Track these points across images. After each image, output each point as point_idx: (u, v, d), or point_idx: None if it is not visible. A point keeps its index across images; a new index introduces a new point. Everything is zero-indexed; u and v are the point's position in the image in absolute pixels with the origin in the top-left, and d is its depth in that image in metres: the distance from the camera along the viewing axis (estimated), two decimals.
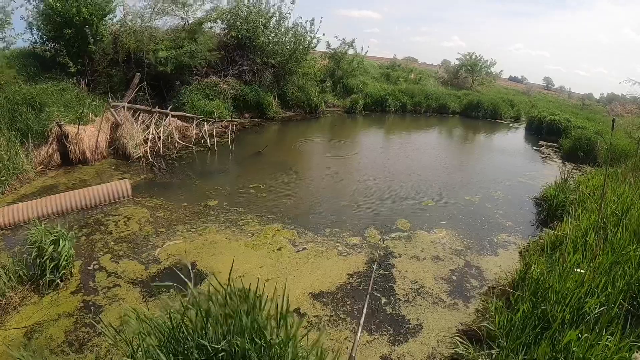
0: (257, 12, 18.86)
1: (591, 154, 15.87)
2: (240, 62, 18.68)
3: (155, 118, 12.65)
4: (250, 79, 18.74)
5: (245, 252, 6.56)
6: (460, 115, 28.27)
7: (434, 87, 30.81)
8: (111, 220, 7.36)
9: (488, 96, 30.82)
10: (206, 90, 16.63)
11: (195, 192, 9.19)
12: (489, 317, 4.82)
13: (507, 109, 30.06)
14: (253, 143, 14.23)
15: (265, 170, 11.31)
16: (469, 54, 34.95)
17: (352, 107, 23.37)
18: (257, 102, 18.50)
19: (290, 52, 19.96)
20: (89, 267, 5.81)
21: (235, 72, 18.37)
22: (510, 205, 10.17)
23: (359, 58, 24.87)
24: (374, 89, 25.39)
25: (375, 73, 29.09)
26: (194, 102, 15.53)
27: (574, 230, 6.53)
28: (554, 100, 44.50)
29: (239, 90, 17.85)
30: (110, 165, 10.52)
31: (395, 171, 12.45)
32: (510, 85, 52.09)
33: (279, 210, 8.44)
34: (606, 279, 4.59)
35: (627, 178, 9.54)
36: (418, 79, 31.63)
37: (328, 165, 12.90)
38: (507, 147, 19.69)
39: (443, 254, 7.18)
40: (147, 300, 5.02)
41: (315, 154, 14.98)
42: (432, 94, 28.09)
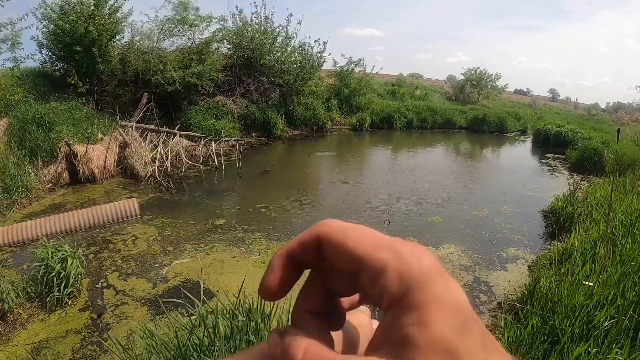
0: (263, 33, 19.04)
1: (598, 165, 15.80)
2: (247, 82, 18.82)
3: (163, 137, 12.72)
4: (257, 98, 18.85)
5: (252, 270, 6.54)
6: (467, 130, 28.30)
7: (439, 102, 30.93)
8: (119, 239, 7.38)
9: (494, 110, 30.87)
10: (213, 109, 16.73)
11: (202, 211, 9.21)
12: (497, 333, 4.78)
13: (513, 123, 30.07)
14: (260, 162, 14.28)
15: (272, 189, 11.34)
16: (473, 69, 35.10)
17: (358, 125, 23.41)
18: (264, 121, 18.59)
19: (297, 71, 20.07)
20: (97, 285, 5.82)
21: (242, 91, 18.50)
22: (518, 219, 10.11)
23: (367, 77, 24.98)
24: (380, 106, 25.45)
25: (380, 90, 29.17)
26: (201, 121, 15.62)
27: (582, 242, 6.48)
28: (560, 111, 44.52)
29: (246, 110, 17.95)
30: (118, 184, 10.59)
31: (401, 187, 12.47)
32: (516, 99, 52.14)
33: (286, 229, 8.43)
34: (615, 291, 4.55)
35: (635, 187, 9.50)
36: (424, 95, 31.74)
37: (335, 183, 12.94)
38: (514, 161, 19.69)
39: (451, 269, 7.12)
40: (155, 318, 5.01)
41: (322, 172, 15.03)
42: (437, 110, 28.18)
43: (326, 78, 24.20)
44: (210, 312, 3.84)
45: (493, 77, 35.67)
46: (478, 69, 35.09)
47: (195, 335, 3.47)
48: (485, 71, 35.12)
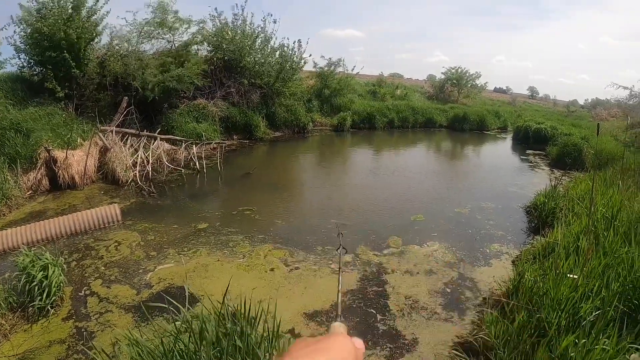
0: (242, 34, 18.99)
1: (579, 160, 16.10)
2: (228, 84, 18.75)
3: (144, 142, 12.64)
4: (238, 101, 18.80)
5: (237, 273, 6.53)
6: (447, 128, 28.57)
7: (420, 102, 31.12)
8: (102, 245, 7.32)
9: (474, 108, 31.15)
10: (194, 112, 16.65)
11: (185, 215, 9.17)
12: (484, 328, 4.84)
13: (493, 120, 30.41)
14: (242, 164, 14.27)
15: (254, 191, 11.34)
16: (454, 68, 35.37)
17: (340, 125, 23.48)
18: (245, 124, 18.55)
19: (277, 72, 20.06)
20: (80, 293, 5.76)
21: (222, 94, 18.43)
22: (500, 215, 10.26)
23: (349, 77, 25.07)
24: (361, 106, 25.55)
25: (361, 91, 29.30)
26: (182, 124, 15.52)
27: (565, 236, 6.60)
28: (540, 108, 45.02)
29: (227, 112, 17.90)
30: (99, 190, 10.48)
31: (383, 187, 12.55)
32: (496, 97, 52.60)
33: (270, 231, 8.43)
34: (600, 283, 4.64)
35: (615, 181, 9.67)
36: (404, 94, 31.91)
37: (317, 184, 12.99)
38: (495, 158, 19.94)
39: (436, 267, 7.20)
40: (140, 325, 4.97)
41: (304, 173, 15.06)
42: (418, 109, 28.35)
43: (307, 79, 24.22)
44: (195, 317, 3.84)
45: (473, 76, 35.99)
46: (458, 68, 35.40)
47: (181, 342, 3.46)
48: (465, 70, 35.45)
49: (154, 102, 15.43)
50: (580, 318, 4.21)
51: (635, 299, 4.46)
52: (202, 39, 18.22)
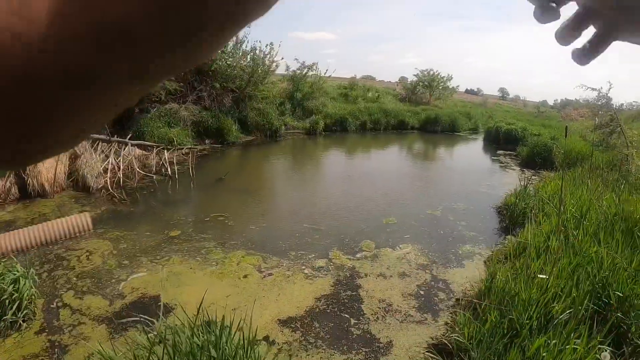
0: None
1: (548, 160, 16.51)
2: (199, 88, 18.70)
3: (115, 147, 12.53)
4: (210, 105, 18.77)
5: (210, 281, 6.56)
6: (420, 130, 28.90)
7: (392, 104, 31.34)
8: (73, 255, 7.25)
9: (445, 110, 31.62)
10: (166, 117, 16.55)
11: (157, 222, 9.13)
12: (457, 330, 4.96)
13: (464, 122, 30.90)
14: (214, 169, 14.23)
15: (227, 196, 11.33)
16: (425, 70, 35.76)
17: (312, 129, 23.55)
18: (218, 128, 18.48)
19: (249, 76, 20.06)
20: (52, 305, 5.71)
21: (194, 98, 18.38)
22: (472, 216, 10.45)
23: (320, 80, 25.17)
24: (333, 109, 25.67)
25: (334, 93, 29.40)
26: (154, 129, 15.42)
27: (535, 235, 6.79)
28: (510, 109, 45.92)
29: (199, 116, 17.84)
30: (69, 198, 10.35)
31: (355, 191, 12.66)
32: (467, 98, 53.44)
33: (242, 236, 8.46)
34: (570, 282, 4.80)
35: (584, 180, 9.96)
36: (376, 97, 32.10)
37: (289, 189, 13.04)
38: (466, 159, 20.28)
39: (409, 270, 7.31)
40: (114, 337, 4.98)
41: (277, 178, 15.10)
42: (390, 111, 28.60)
43: (279, 82, 24.25)
44: (169, 328, 3.87)
45: (444, 79, 36.45)
46: (430, 70, 35.82)
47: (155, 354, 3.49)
48: (437, 72, 35.87)
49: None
50: (551, 318, 4.35)
51: (605, 298, 4.64)
52: None
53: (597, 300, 4.63)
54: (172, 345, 3.50)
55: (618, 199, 7.77)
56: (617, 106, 14.45)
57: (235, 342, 3.85)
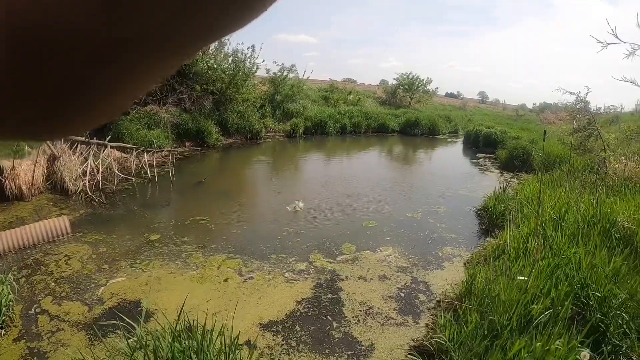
0: None
1: (527, 163, 16.74)
2: (180, 90, 18.62)
3: (94, 149, 12.42)
4: (190, 107, 18.70)
5: (190, 286, 6.53)
6: (400, 133, 29.08)
7: (372, 107, 31.55)
8: (51, 260, 7.17)
9: (425, 113, 31.84)
10: (145, 119, 16.47)
11: (137, 225, 9.07)
12: (439, 332, 5.01)
13: (444, 125, 31.17)
14: (194, 172, 14.19)
15: (207, 199, 11.31)
16: (406, 74, 36.00)
17: (292, 132, 23.61)
18: (198, 130, 18.42)
19: (230, 78, 20.02)
20: (30, 312, 5.65)
21: (174, 100, 18.30)
22: (452, 218, 10.56)
23: (300, 83, 25.19)
24: (313, 112, 25.75)
25: (314, 96, 29.49)
26: (133, 131, 15.34)
27: (514, 238, 6.88)
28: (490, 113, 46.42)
29: (179, 119, 17.77)
30: (48, 201, 10.24)
31: (335, 194, 12.70)
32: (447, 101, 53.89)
33: (223, 239, 8.46)
34: (549, 283, 4.88)
35: (562, 183, 10.12)
36: (357, 100, 32.25)
37: (270, 192, 13.04)
38: (446, 162, 20.47)
39: (389, 272, 7.36)
40: (93, 343, 4.94)
41: (257, 181, 15.09)
42: (371, 114, 28.77)
43: (259, 85, 24.23)
44: (149, 334, 3.86)
45: (425, 82, 36.75)
46: (410, 74, 36.08)
47: None
48: (417, 76, 36.17)
49: None
50: (531, 319, 4.41)
51: (584, 298, 4.73)
52: None
53: (576, 301, 4.71)
54: (152, 351, 3.50)
55: (595, 201, 7.92)
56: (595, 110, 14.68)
57: (216, 347, 3.86)
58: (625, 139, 14.16)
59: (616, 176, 10.20)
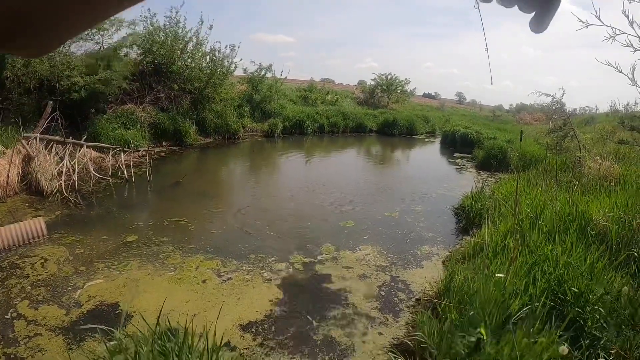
0: (174, 37, 18.77)
1: (504, 162, 16.99)
2: (157, 89, 18.48)
3: (70, 149, 12.26)
4: (168, 106, 18.56)
5: (169, 287, 6.52)
6: (378, 133, 29.25)
7: (350, 107, 31.62)
8: (27, 263, 7.06)
9: (403, 114, 32.05)
10: (122, 118, 16.28)
11: (114, 226, 8.99)
12: (418, 329, 5.07)
13: (422, 125, 31.42)
14: (172, 172, 14.13)
15: (185, 200, 11.26)
16: (384, 74, 36.14)
17: (271, 131, 23.57)
18: (175, 130, 18.29)
19: (208, 77, 19.94)
20: (6, 316, 5.57)
21: (152, 99, 18.15)
22: (430, 217, 10.69)
23: (277, 83, 25.16)
24: (291, 111, 25.76)
25: (292, 96, 29.52)
26: (110, 131, 15.16)
27: (492, 236, 7.00)
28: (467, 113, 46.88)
29: (156, 118, 17.63)
30: (23, 202, 10.08)
31: (313, 194, 12.77)
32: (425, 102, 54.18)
33: (201, 240, 8.45)
34: (527, 280, 4.99)
35: (538, 182, 10.32)
36: (335, 100, 32.30)
37: (248, 192, 13.04)
38: (424, 161, 20.72)
39: (369, 271, 7.44)
40: (71, 347, 4.90)
41: (235, 181, 15.08)
42: (349, 114, 28.87)
43: (237, 84, 24.15)
44: (128, 337, 3.86)
45: (402, 82, 36.92)
46: (389, 74, 36.23)
47: None
48: (395, 77, 36.31)
49: (80, 107, 15.01)
50: (510, 315, 4.49)
51: (561, 294, 4.82)
52: (132, 41, 17.84)
53: (553, 297, 4.80)
54: (133, 355, 3.50)
55: (571, 200, 8.08)
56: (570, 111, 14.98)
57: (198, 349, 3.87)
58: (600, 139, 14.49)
59: (591, 175, 10.40)
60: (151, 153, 14.36)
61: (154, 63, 18.64)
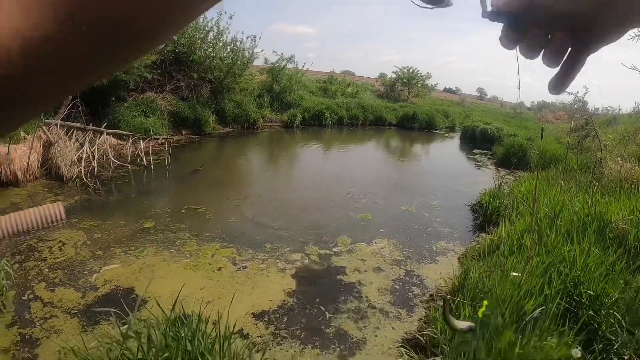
0: (195, 27, 18.78)
1: (523, 160, 16.66)
2: (177, 78, 18.52)
3: (90, 136, 12.36)
4: (188, 95, 18.60)
5: (184, 274, 6.53)
6: (397, 127, 28.98)
7: (370, 100, 31.37)
8: (45, 246, 7.15)
9: (423, 108, 31.69)
10: (142, 106, 16.37)
11: (132, 213, 9.06)
12: (431, 325, 5.02)
13: (442, 120, 31.06)
14: (190, 161, 14.17)
15: (202, 188, 11.29)
16: (405, 68, 35.79)
17: (290, 122, 23.50)
18: (195, 119, 18.35)
19: (228, 67, 19.94)
20: (23, 297, 5.63)
21: (172, 87, 18.19)
22: (447, 212, 10.55)
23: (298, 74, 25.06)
24: (311, 103, 25.63)
25: (312, 87, 29.36)
26: (130, 118, 15.24)
27: (509, 234, 6.90)
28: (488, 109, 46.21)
29: (176, 107, 17.68)
30: (43, 187, 10.19)
31: (331, 186, 12.71)
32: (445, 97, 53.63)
33: (217, 228, 8.46)
34: (542, 280, 4.89)
35: (557, 181, 10.14)
36: (355, 92, 32.10)
37: (266, 182, 13.04)
38: (443, 156, 20.49)
39: (384, 265, 7.37)
40: (86, 330, 4.94)
41: (253, 171, 15.07)
42: (368, 107, 28.64)
43: (258, 74, 24.10)
44: (142, 321, 3.85)
45: (423, 76, 36.56)
46: (410, 68, 35.90)
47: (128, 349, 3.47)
48: (416, 70, 35.97)
49: (101, 95, 15.11)
50: (523, 314, 4.42)
51: (576, 296, 4.73)
52: None
53: (568, 299, 4.72)
54: (146, 339, 3.48)
55: (591, 201, 7.93)
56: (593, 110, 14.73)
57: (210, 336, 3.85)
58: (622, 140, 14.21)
59: (612, 177, 10.21)
60: (170, 141, 14.44)
61: (174, 52, 18.66)
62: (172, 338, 3.61)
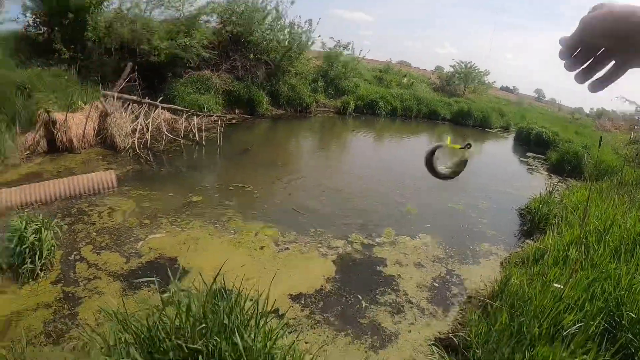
0: (253, 8, 18.81)
1: (577, 168, 15.96)
2: (234, 57, 18.61)
3: (145, 109, 12.56)
4: (243, 75, 18.67)
5: (227, 249, 6.55)
6: (451, 122, 28.30)
7: (425, 92, 30.82)
8: (95, 211, 7.30)
9: (479, 104, 30.84)
10: (197, 83, 16.51)
11: (181, 186, 9.15)
12: (466, 327, 4.86)
13: (497, 119, 30.12)
14: (242, 139, 14.24)
15: (252, 167, 11.32)
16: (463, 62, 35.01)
17: (343, 108, 23.23)
18: (249, 99, 18.38)
19: (285, 50, 19.92)
20: (70, 258, 5.76)
21: (227, 67, 18.30)
22: (494, 215, 10.20)
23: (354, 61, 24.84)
24: (365, 91, 25.28)
25: (367, 76, 29.05)
26: (185, 95, 15.42)
27: (555, 244, 6.59)
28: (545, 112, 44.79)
29: (231, 86, 17.78)
30: (96, 155, 10.44)
31: (379, 176, 12.53)
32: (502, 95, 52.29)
33: (263, 208, 8.46)
34: (585, 296, 4.64)
35: (611, 194, 9.63)
36: (410, 83, 31.62)
37: (315, 166, 12.99)
38: (495, 157, 19.85)
39: (425, 261, 7.18)
40: (127, 293, 4.99)
41: (303, 154, 15.04)
42: (423, 100, 28.05)
43: (314, 59, 23.99)
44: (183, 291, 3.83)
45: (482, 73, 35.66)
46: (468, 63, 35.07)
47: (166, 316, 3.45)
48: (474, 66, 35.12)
49: (158, 70, 15.36)
50: (561, 328, 4.22)
51: (618, 317, 4.48)
52: (212, 9, 17.98)
53: (609, 318, 4.47)
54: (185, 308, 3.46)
55: None
56: None
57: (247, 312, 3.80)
58: None
59: None
60: (223, 119, 14.52)
61: (232, 32, 18.73)
62: (211, 310, 3.57)
